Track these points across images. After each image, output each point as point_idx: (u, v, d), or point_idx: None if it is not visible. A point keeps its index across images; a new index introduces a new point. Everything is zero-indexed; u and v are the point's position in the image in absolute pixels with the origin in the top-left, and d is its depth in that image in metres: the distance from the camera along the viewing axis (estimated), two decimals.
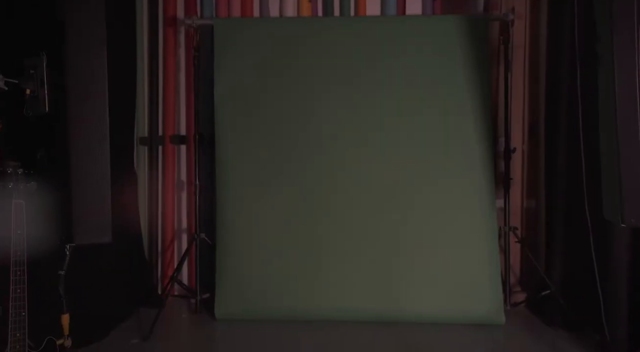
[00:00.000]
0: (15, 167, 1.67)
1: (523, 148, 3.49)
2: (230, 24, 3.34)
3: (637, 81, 1.65)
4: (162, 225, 3.62)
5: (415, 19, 3.39)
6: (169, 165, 3.64)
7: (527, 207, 3.51)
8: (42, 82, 1.77)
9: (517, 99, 3.46)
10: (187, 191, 3.65)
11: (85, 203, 1.74)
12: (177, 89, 3.66)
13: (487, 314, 2.89)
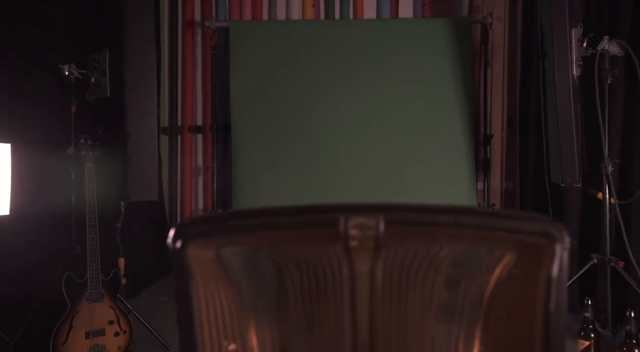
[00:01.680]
0: (87, 139, 2.17)
1: (502, 136, 4.00)
2: (244, 26, 3.86)
3: (570, 72, 2.16)
4: (181, 204, 4.12)
5: (407, 22, 3.91)
6: (187, 152, 4.14)
7: (506, 188, 4.01)
8: (104, 72, 2.28)
9: (497, 93, 3.97)
10: (204, 174, 4.15)
11: (138, 168, 2.25)
12: (194, 84, 4.17)
13: None
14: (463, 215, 0.60)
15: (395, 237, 0.60)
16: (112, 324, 2.08)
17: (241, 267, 0.63)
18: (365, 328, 0.61)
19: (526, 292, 0.60)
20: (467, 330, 0.61)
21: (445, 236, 0.61)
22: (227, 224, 0.64)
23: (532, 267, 0.60)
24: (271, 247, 0.63)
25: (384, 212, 0.61)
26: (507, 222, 0.60)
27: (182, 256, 0.63)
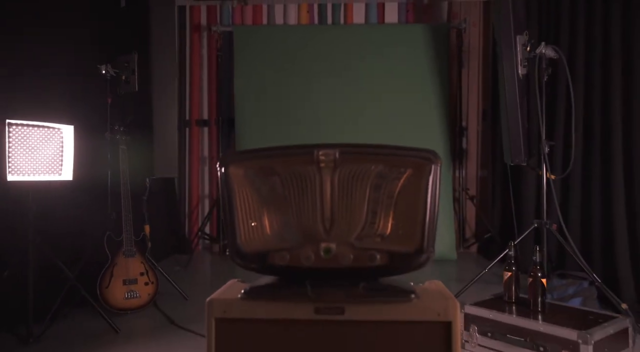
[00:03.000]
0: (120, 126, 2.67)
1: (478, 129, 4.52)
2: (247, 30, 4.37)
3: (515, 71, 2.67)
4: (189, 190, 4.62)
5: (392, 27, 4.43)
6: (195, 143, 4.64)
7: (481, 176, 4.53)
8: (133, 71, 2.78)
9: (473, 90, 4.50)
10: (209, 164, 4.65)
11: (161, 149, 2.76)
12: (201, 82, 4.67)
13: (442, 251, 3.89)
14: (381, 148, 1.12)
15: (345, 160, 1.11)
16: (143, 276, 2.58)
17: (258, 178, 1.14)
18: (328, 209, 1.12)
19: (416, 190, 1.11)
20: (385, 211, 1.12)
21: (372, 160, 1.12)
22: (250, 155, 1.16)
23: (419, 176, 1.11)
24: (276, 167, 1.14)
25: (339, 147, 1.12)
26: (406, 152, 1.12)
27: (225, 173, 1.14)
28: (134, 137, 2.80)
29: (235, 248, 1.15)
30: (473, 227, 4.52)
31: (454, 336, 1.08)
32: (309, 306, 1.12)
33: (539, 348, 1.77)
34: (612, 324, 1.79)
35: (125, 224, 2.58)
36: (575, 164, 2.90)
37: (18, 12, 2.37)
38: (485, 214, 4.26)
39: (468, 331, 1.99)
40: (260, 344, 1.13)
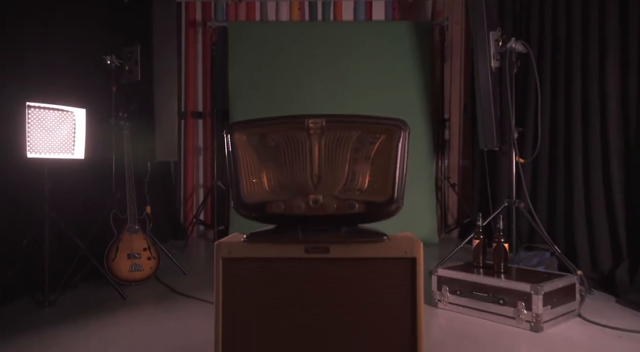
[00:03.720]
0: (124, 112, 2.89)
1: (459, 121, 4.80)
2: (241, 26, 4.60)
3: (488, 64, 2.95)
4: (184, 179, 4.84)
5: (378, 24, 4.69)
6: (190, 134, 4.86)
7: (462, 165, 4.82)
8: (135, 61, 3.00)
9: (455, 84, 4.78)
10: (203, 153, 4.88)
11: (162, 134, 2.99)
12: (196, 75, 4.89)
13: (424, 235, 4.17)
14: (360, 117, 1.37)
15: (330, 127, 1.36)
16: (146, 251, 2.81)
17: (258, 142, 1.39)
18: (316, 168, 1.37)
19: (388, 152, 1.37)
20: (363, 169, 1.37)
21: (352, 127, 1.37)
22: (251, 124, 1.40)
23: (391, 141, 1.37)
24: (273, 133, 1.38)
25: (325, 117, 1.37)
26: (380, 121, 1.37)
27: (231, 139, 1.39)
28: (136, 123, 3.03)
29: (239, 200, 1.39)
30: (455, 214, 4.80)
31: (418, 269, 1.34)
32: (300, 246, 1.37)
33: (499, 301, 2.04)
34: (561, 280, 2.06)
35: (129, 203, 2.80)
36: (543, 149, 3.18)
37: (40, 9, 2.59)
38: (466, 201, 4.55)
39: (440, 291, 2.25)
40: (259, 278, 1.38)
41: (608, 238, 2.64)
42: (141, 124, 3.09)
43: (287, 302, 1.37)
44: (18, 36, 2.40)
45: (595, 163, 2.75)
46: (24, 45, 2.42)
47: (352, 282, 1.37)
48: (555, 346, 1.81)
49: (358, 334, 1.35)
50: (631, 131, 2.61)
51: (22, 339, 1.89)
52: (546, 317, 1.96)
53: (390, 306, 1.34)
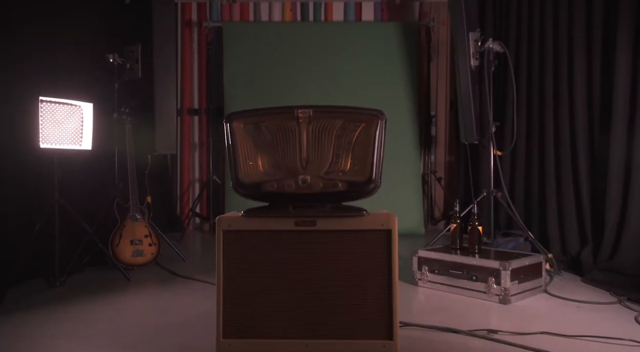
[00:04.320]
0: (126, 108, 3.09)
1: (446, 118, 5.03)
2: (236, 26, 4.80)
3: (468, 63, 3.17)
4: (181, 174, 5.03)
5: (368, 24, 4.91)
6: (186, 131, 5.05)
7: (449, 161, 5.05)
8: (136, 60, 3.20)
9: (442, 82, 5.01)
10: (199, 150, 5.07)
11: (162, 128, 3.18)
12: (192, 74, 5.08)
13: (412, 227, 4.39)
14: (343, 108, 1.58)
15: (317, 117, 1.58)
16: (147, 237, 3.01)
17: (253, 129, 1.60)
18: (304, 152, 1.58)
19: (367, 138, 1.58)
20: (345, 153, 1.59)
21: (336, 117, 1.58)
22: (248, 113, 1.61)
23: (370, 129, 1.58)
24: (266, 122, 1.59)
25: (313, 108, 1.58)
26: (361, 111, 1.59)
27: (230, 127, 1.60)
28: (137, 118, 3.23)
29: (238, 181, 1.60)
30: (441, 207, 5.03)
31: (393, 239, 1.56)
32: (290, 220, 1.58)
33: (472, 277, 2.26)
34: (528, 258, 2.29)
35: (132, 192, 3.00)
36: (520, 142, 3.41)
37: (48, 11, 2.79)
38: (451, 195, 4.78)
39: (420, 271, 2.47)
40: (255, 248, 1.59)
41: (576, 224, 2.87)
42: (142, 119, 3.29)
43: (279, 268, 1.58)
44: (27, 36, 2.59)
45: (565, 156, 2.99)
46: (33, 45, 2.61)
47: (336, 250, 1.58)
48: (520, 315, 2.03)
49: (341, 295, 1.56)
50: (595, 128, 2.85)
51: (37, 313, 2.08)
52: (514, 291, 2.18)
53: (369, 270, 1.56)
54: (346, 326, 1.56)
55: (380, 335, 1.55)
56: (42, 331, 1.85)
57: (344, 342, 1.55)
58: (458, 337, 1.77)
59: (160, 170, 4.56)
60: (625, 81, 2.56)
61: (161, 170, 4.62)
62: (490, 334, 1.78)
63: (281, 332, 1.57)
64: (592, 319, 1.96)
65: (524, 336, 1.76)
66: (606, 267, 2.49)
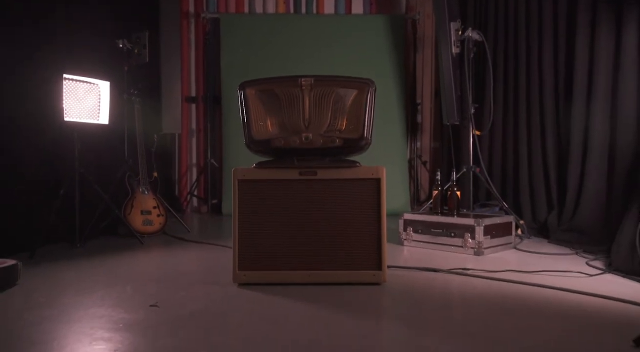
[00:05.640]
0: (134, 89, 3.36)
1: (431, 106, 5.38)
2: (232, 17, 5.09)
3: (450, 50, 3.51)
4: (179, 159, 5.30)
5: (357, 17, 5.24)
6: (185, 117, 5.32)
7: (434, 147, 5.39)
8: (144, 45, 3.47)
9: (427, 72, 5.35)
10: (197, 136, 5.35)
11: (168, 110, 3.46)
12: (189, 63, 5.36)
13: (399, 207, 4.73)
14: (339, 77, 1.90)
15: (317, 85, 1.89)
16: (155, 209, 3.29)
17: (263, 95, 1.91)
18: (307, 114, 1.89)
19: (360, 103, 1.90)
20: (341, 115, 1.90)
21: (334, 85, 1.90)
22: (259, 81, 1.92)
23: (362, 95, 1.90)
24: (275, 88, 1.90)
25: (314, 77, 1.90)
26: (354, 80, 1.90)
27: (243, 93, 1.90)
28: (145, 99, 3.50)
29: (250, 138, 1.91)
30: (427, 190, 5.38)
31: (382, 186, 1.88)
32: (295, 171, 1.89)
33: (450, 234, 2.59)
34: (499, 218, 2.63)
35: (141, 167, 3.28)
36: (497, 123, 3.77)
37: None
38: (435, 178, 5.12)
39: (405, 231, 2.80)
40: (265, 194, 1.90)
41: (544, 193, 3.23)
42: (149, 101, 3.57)
43: (285, 211, 1.89)
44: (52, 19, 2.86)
45: (535, 133, 3.34)
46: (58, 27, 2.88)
47: (334, 196, 1.90)
48: (491, 262, 2.36)
49: (338, 233, 1.88)
50: (560, 105, 3.21)
51: (63, 265, 2.35)
52: (486, 244, 2.52)
53: (361, 212, 1.88)
54: (342, 259, 1.87)
55: (371, 266, 1.87)
56: (69, 276, 2.13)
57: (340, 273, 1.87)
58: (438, 275, 2.10)
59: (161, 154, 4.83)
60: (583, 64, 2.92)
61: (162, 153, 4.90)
62: (464, 271, 2.11)
63: (287, 264, 1.88)
64: (551, 264, 2.30)
65: (493, 273, 2.10)
66: (568, 228, 2.85)
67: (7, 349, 1.25)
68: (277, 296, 1.73)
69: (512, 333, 1.36)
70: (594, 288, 1.81)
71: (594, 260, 2.33)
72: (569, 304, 1.63)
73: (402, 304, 1.67)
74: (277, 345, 1.27)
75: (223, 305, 1.64)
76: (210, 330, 1.39)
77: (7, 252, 2.34)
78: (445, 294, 1.80)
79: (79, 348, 1.25)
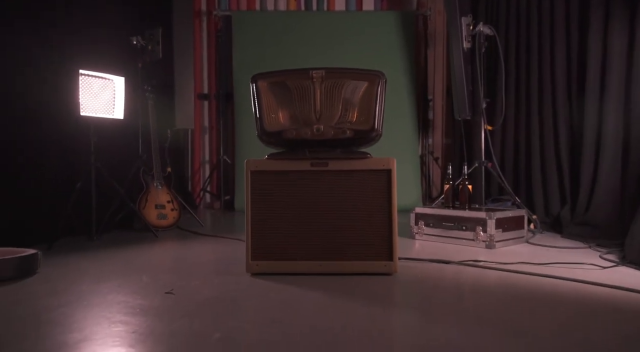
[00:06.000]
0: (148, 85, 3.42)
1: (443, 103, 5.37)
2: (244, 15, 5.13)
3: (461, 45, 3.50)
4: (192, 156, 5.37)
5: (368, 14, 5.24)
6: (197, 115, 5.38)
7: (446, 143, 5.38)
8: (157, 42, 3.52)
9: (439, 69, 5.34)
10: (209, 133, 5.40)
11: (181, 105, 3.51)
12: (201, 60, 5.41)
13: (410, 203, 4.72)
14: (350, 69, 1.92)
15: (328, 77, 1.91)
16: (169, 203, 3.34)
17: (275, 87, 1.93)
18: (318, 106, 1.91)
19: (370, 94, 1.92)
20: (352, 107, 1.92)
21: (345, 77, 1.92)
22: (271, 74, 1.95)
23: (372, 87, 1.92)
24: (286, 81, 1.93)
25: (325, 69, 1.92)
26: (365, 72, 1.92)
27: (256, 86, 1.93)
28: (159, 95, 3.56)
29: (263, 130, 1.94)
30: (438, 187, 5.37)
31: (392, 177, 1.89)
32: (307, 162, 1.92)
33: (462, 227, 2.60)
34: (511, 211, 2.63)
35: (155, 162, 3.33)
36: (509, 118, 3.75)
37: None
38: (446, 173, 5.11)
39: (417, 225, 2.81)
40: (277, 185, 1.92)
41: (557, 188, 3.21)
42: (162, 97, 3.62)
43: (297, 202, 1.92)
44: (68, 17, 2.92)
45: (548, 128, 3.32)
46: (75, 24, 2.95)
47: (345, 187, 1.92)
48: (502, 255, 2.37)
49: (349, 224, 1.90)
50: (573, 99, 3.18)
51: (81, 257, 2.41)
52: (498, 237, 2.52)
53: (372, 203, 1.90)
54: (353, 249, 1.89)
55: (382, 257, 1.89)
56: (86, 266, 2.18)
57: (351, 263, 1.89)
58: (449, 266, 2.11)
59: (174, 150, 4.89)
60: (596, 58, 2.90)
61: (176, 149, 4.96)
62: (476, 263, 2.12)
63: (299, 254, 1.90)
64: (564, 257, 2.30)
65: (505, 264, 2.10)
66: (581, 222, 2.83)
67: (33, 330, 1.30)
68: (289, 285, 1.76)
69: (525, 322, 1.37)
70: (608, 280, 1.81)
71: (607, 253, 2.32)
72: (582, 295, 1.63)
73: (414, 293, 1.69)
74: (291, 330, 1.30)
75: (236, 293, 1.67)
76: (224, 315, 1.42)
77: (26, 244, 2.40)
78: (457, 285, 1.81)
79: (98, 330, 1.29)
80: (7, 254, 1.93)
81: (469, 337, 1.23)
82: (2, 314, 1.44)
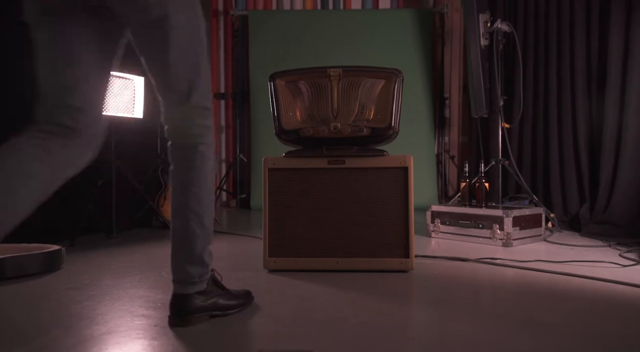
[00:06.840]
0: None
1: (459, 101, 5.33)
2: (260, 14, 5.17)
3: (478, 42, 3.48)
4: None
5: (384, 12, 5.24)
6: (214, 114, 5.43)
7: (462, 141, 5.35)
8: None
9: (455, 66, 5.31)
10: (226, 132, 5.46)
11: None
12: (218, 60, 5.47)
13: (426, 202, 4.71)
14: (367, 67, 1.93)
15: (345, 75, 1.93)
16: None
17: (293, 85, 1.95)
18: (335, 104, 1.93)
19: (387, 92, 1.92)
20: (369, 104, 1.93)
21: (362, 75, 1.93)
22: (288, 72, 1.97)
23: (389, 84, 1.92)
24: (304, 79, 1.95)
25: (342, 67, 1.93)
26: (382, 70, 1.93)
27: (273, 84, 1.96)
28: None
29: (280, 128, 1.96)
30: (455, 186, 5.34)
31: (409, 175, 1.90)
32: (324, 159, 1.93)
33: (479, 225, 2.59)
34: (529, 209, 2.61)
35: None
36: (527, 115, 3.71)
37: None
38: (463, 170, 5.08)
39: (433, 223, 2.81)
40: (294, 182, 1.95)
41: (576, 186, 3.17)
42: None
43: (314, 199, 1.94)
44: None
45: (567, 125, 3.29)
46: None
47: (362, 184, 1.93)
48: (520, 253, 2.35)
49: (366, 220, 1.91)
50: (593, 97, 3.14)
51: (103, 252, 2.47)
52: (515, 236, 2.51)
53: (389, 200, 1.91)
54: (370, 246, 1.91)
55: (399, 254, 1.90)
56: (107, 261, 2.23)
57: (367, 260, 1.91)
58: (466, 264, 2.11)
59: None
60: (618, 53, 2.86)
61: None
62: (493, 260, 2.11)
63: (316, 251, 1.92)
64: (583, 255, 2.27)
65: (522, 262, 2.09)
66: (600, 220, 2.80)
67: (60, 323, 1.34)
68: (306, 281, 1.78)
69: (543, 318, 1.36)
70: (627, 278, 1.79)
71: (627, 252, 2.29)
72: (601, 293, 1.62)
73: (431, 290, 1.69)
74: (308, 325, 1.32)
75: (254, 288, 1.70)
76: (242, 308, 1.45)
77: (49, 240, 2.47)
78: (474, 281, 1.81)
79: (121, 323, 1.33)
80: (32, 250, 1.99)
81: (486, 333, 1.23)
82: (31, 307, 1.50)
